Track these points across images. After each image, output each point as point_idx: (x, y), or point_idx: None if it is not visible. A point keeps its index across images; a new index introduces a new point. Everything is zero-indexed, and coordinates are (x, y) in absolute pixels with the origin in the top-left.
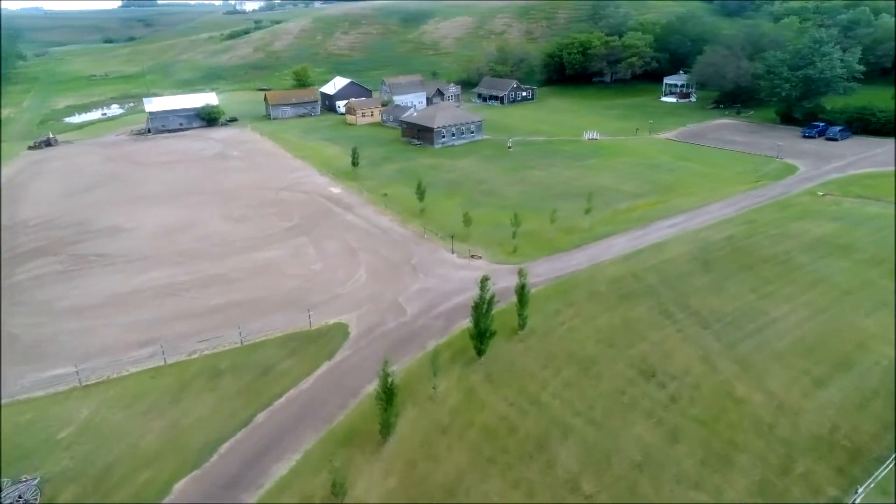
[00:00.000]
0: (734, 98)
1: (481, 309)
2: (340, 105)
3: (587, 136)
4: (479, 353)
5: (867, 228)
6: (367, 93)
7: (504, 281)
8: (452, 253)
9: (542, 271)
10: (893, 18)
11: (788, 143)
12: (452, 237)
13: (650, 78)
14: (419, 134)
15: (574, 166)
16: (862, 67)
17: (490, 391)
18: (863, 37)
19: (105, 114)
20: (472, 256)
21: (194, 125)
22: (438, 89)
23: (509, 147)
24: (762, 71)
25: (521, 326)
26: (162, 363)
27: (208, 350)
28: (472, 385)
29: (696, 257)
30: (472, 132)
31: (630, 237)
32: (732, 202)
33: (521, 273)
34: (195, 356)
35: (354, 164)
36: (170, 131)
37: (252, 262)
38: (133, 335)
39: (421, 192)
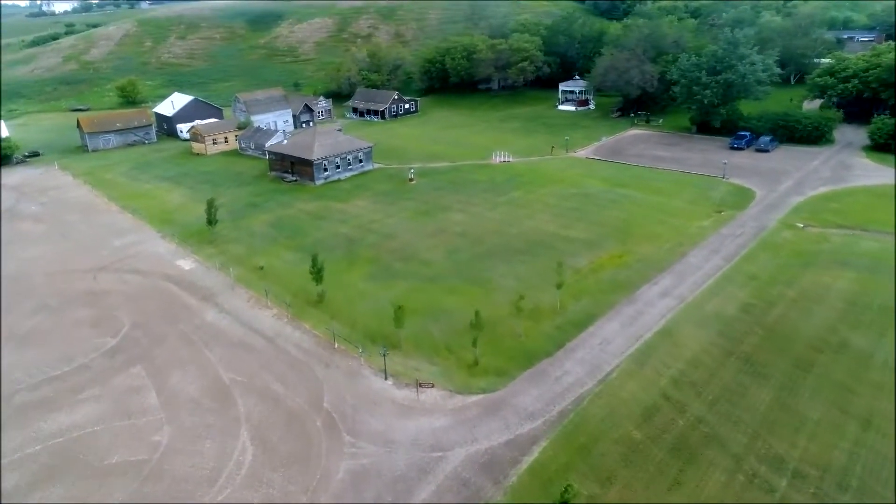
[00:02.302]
0: (639, 105)
1: None
2: (183, 129)
3: (497, 158)
4: None
5: (887, 277)
6: (217, 112)
7: (483, 435)
8: (386, 379)
9: (531, 405)
10: (776, 18)
11: (719, 157)
12: (385, 355)
13: (541, 84)
14: (294, 167)
15: (498, 204)
16: (779, 70)
17: None
18: (749, 37)
19: None
20: (420, 385)
21: None
22: (306, 104)
23: (411, 179)
24: (676, 76)
25: None
26: None
27: None
28: None
29: (728, 351)
30: (361, 161)
31: (621, 320)
32: (710, 247)
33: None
34: None
35: (211, 221)
36: None
37: (43, 441)
38: None
39: (318, 271)
